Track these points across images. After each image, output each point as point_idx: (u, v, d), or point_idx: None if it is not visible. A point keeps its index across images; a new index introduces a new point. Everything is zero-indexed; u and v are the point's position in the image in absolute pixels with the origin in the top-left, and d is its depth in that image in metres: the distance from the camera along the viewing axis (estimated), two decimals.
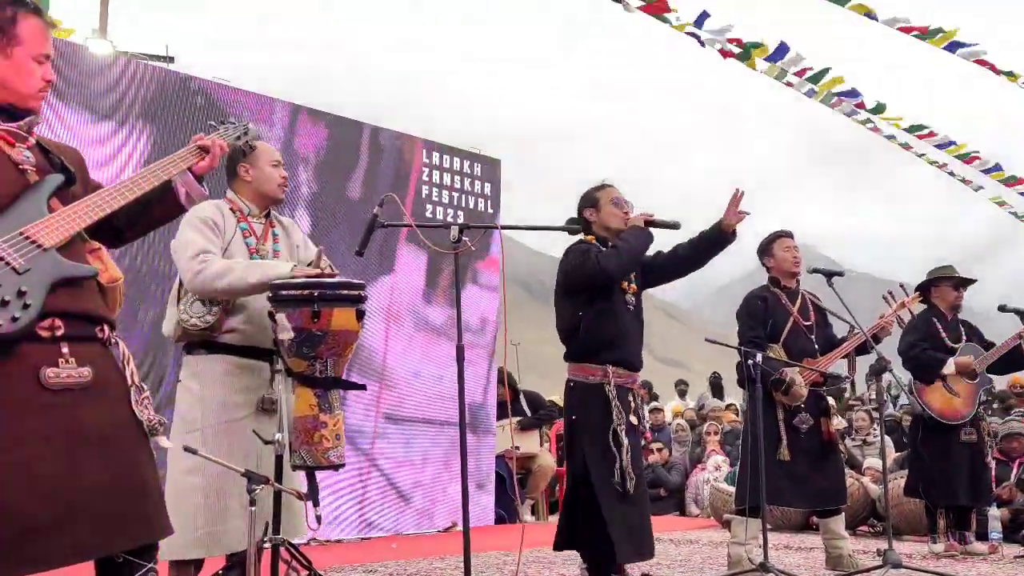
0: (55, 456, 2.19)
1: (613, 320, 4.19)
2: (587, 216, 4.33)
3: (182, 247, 3.40)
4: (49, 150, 2.46)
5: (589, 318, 4.16)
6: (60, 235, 2.28)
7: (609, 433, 4.05)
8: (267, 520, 3.25)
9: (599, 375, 4.14)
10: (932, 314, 6.19)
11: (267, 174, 3.61)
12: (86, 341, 2.33)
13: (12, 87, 2.36)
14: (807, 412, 5.09)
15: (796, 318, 5.23)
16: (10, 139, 2.36)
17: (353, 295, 3.21)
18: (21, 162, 2.35)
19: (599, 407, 4.10)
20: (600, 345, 4.16)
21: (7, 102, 2.37)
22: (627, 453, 4.05)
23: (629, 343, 4.25)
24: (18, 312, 2.15)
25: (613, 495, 4.02)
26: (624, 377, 4.19)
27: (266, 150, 3.65)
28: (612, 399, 4.09)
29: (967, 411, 6.03)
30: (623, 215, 4.28)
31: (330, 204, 6.65)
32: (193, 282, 3.35)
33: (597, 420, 4.09)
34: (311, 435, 3.21)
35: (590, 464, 4.06)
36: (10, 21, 2.35)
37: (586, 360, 4.18)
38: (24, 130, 2.40)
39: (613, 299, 4.20)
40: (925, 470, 6.05)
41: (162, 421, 2.46)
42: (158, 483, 2.44)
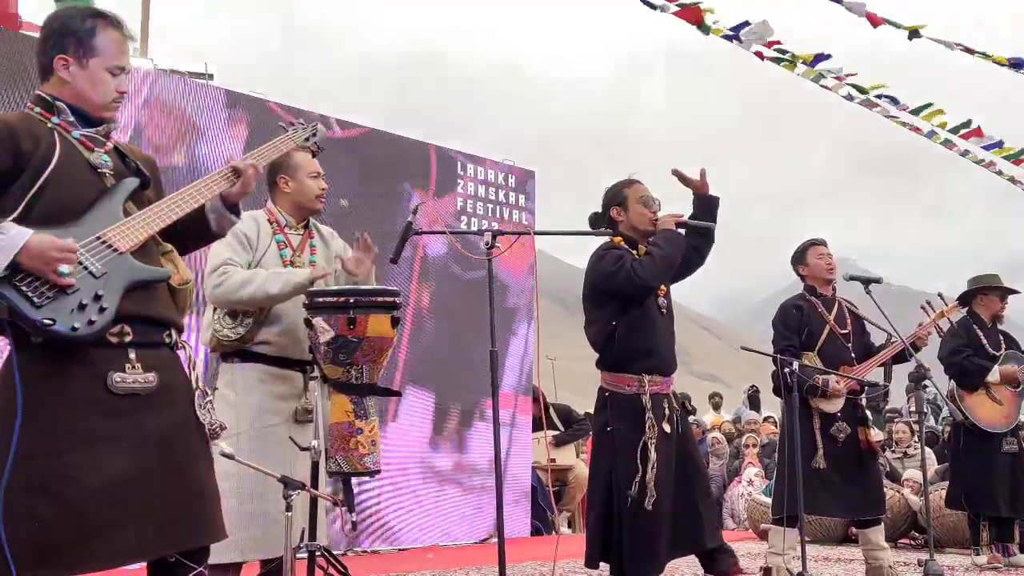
0: (120, 458, 2.26)
1: (648, 328, 4.08)
2: (613, 215, 4.19)
3: (209, 260, 3.47)
4: (126, 154, 2.53)
5: (623, 327, 4.04)
6: (135, 239, 2.35)
7: (639, 446, 3.93)
8: (303, 526, 3.27)
9: (635, 386, 4.03)
10: (973, 322, 6.12)
11: (306, 186, 3.64)
12: (153, 346, 2.39)
13: (86, 96, 2.43)
14: (844, 421, 5.03)
15: (832, 326, 5.18)
16: (89, 144, 2.44)
17: (388, 302, 3.24)
18: (99, 166, 2.43)
19: (633, 419, 3.99)
20: (635, 354, 4.05)
21: (83, 109, 2.44)
22: (652, 468, 3.90)
23: (663, 349, 4.14)
24: (95, 316, 2.22)
25: (632, 509, 3.90)
26: (659, 384, 4.08)
27: (306, 161, 3.67)
28: (647, 410, 3.98)
29: (1010, 420, 5.95)
30: (652, 215, 4.14)
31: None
32: (213, 294, 3.41)
33: (629, 432, 3.98)
34: (347, 441, 3.23)
35: (616, 476, 3.97)
36: (89, 33, 2.43)
37: (621, 370, 4.07)
38: (102, 135, 2.48)
39: (646, 305, 4.09)
40: (966, 479, 5.97)
41: (223, 425, 2.52)
42: (216, 487, 2.51)
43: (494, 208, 7.54)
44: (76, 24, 2.43)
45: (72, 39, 2.41)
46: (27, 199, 2.27)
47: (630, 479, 3.89)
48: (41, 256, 2.15)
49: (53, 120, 2.41)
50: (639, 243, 4.14)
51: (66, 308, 2.18)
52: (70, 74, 2.41)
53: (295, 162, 3.64)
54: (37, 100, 2.44)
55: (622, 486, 3.92)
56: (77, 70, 2.41)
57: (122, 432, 2.28)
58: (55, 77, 2.42)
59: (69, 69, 2.41)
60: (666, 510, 3.95)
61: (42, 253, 2.15)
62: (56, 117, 2.41)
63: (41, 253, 2.15)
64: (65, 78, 2.42)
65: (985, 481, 5.90)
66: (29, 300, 2.15)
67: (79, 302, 2.20)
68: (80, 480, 2.20)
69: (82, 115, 2.44)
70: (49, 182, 2.30)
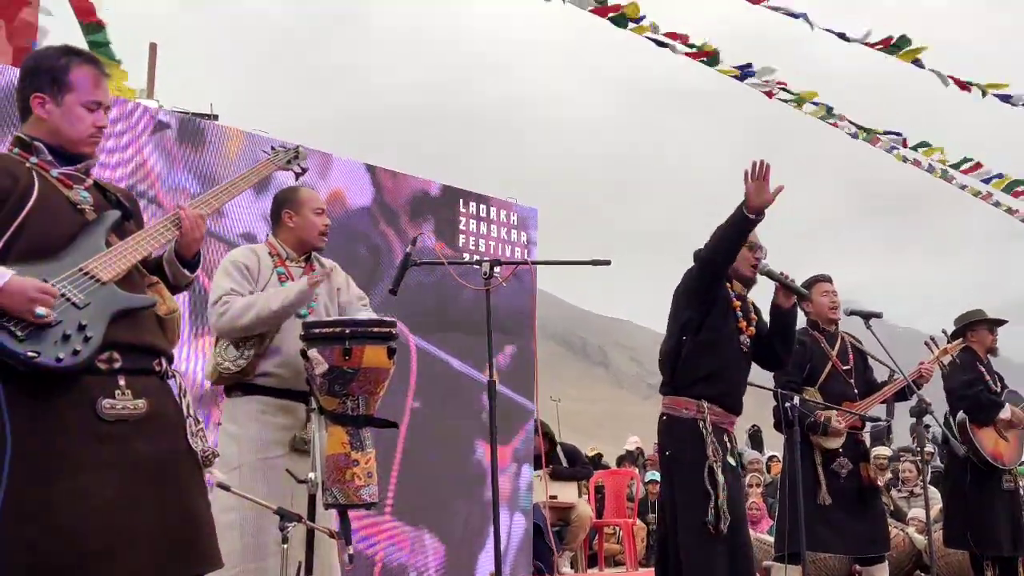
0: (111, 485, 2.25)
1: (715, 353, 3.99)
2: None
3: (211, 292, 3.49)
4: (106, 189, 2.56)
5: (692, 346, 3.99)
6: (117, 269, 2.37)
7: (704, 470, 3.82)
8: (300, 560, 3.25)
9: (692, 410, 3.94)
10: (975, 359, 6.11)
11: (310, 221, 3.66)
12: (143, 374, 2.40)
13: (63, 133, 2.46)
14: (845, 457, 5.01)
15: (835, 362, 5.18)
16: (68, 182, 2.46)
17: (384, 332, 3.24)
18: (79, 203, 2.45)
19: (693, 443, 3.89)
20: (698, 378, 3.97)
21: (61, 146, 2.46)
22: (724, 491, 3.81)
23: (732, 383, 4.04)
24: (79, 345, 2.23)
25: (703, 537, 3.78)
26: (720, 416, 3.98)
27: (311, 197, 3.71)
28: (707, 435, 3.88)
29: (1015, 457, 5.91)
30: (754, 259, 4.09)
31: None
32: (218, 324, 3.42)
33: (691, 457, 3.88)
34: (343, 473, 3.21)
35: (680, 505, 3.86)
36: (63, 70, 2.46)
37: (681, 392, 4.00)
38: (82, 172, 2.50)
39: (721, 332, 4.01)
40: (972, 517, 5.89)
41: (216, 452, 2.52)
42: (210, 515, 2.50)
43: (496, 245, 7.55)
44: (50, 62, 2.47)
45: (47, 77, 2.45)
46: (6, 238, 2.29)
47: (699, 504, 3.78)
48: (20, 296, 2.17)
49: (31, 160, 2.43)
50: (737, 282, 4.13)
51: (50, 340, 2.19)
52: (46, 112, 2.44)
53: (301, 198, 3.67)
54: (16, 141, 2.47)
55: (685, 511, 3.83)
56: (53, 107, 2.44)
57: (113, 459, 2.27)
58: (33, 116, 2.46)
59: (45, 107, 2.44)
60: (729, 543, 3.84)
61: (22, 293, 2.17)
62: (34, 157, 2.43)
63: (21, 293, 2.17)
64: (42, 116, 2.44)
65: (990, 519, 5.84)
66: (11, 334, 2.16)
67: (63, 333, 2.21)
68: (72, 508, 2.19)
69: (60, 153, 2.46)
70: (28, 220, 2.32)
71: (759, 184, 3.71)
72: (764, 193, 3.70)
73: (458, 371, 6.81)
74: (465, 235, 7.37)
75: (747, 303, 4.20)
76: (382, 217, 6.82)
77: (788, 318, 4.11)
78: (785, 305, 4.07)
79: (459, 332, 6.62)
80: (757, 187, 3.70)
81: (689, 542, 3.81)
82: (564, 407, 10.02)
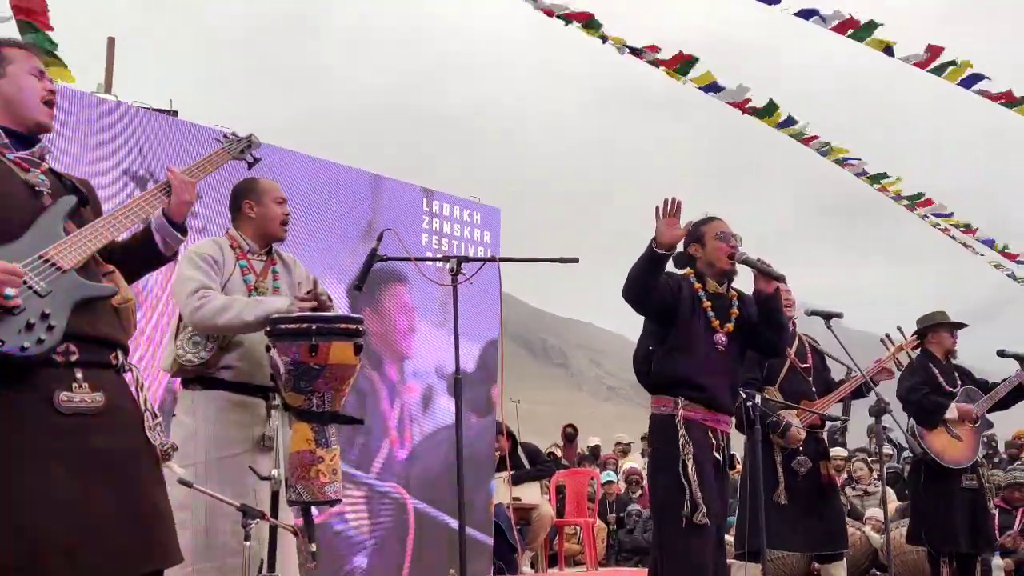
0: (69, 480, 2.21)
1: (687, 357, 4.03)
2: (692, 252, 4.19)
3: (181, 283, 3.42)
4: (61, 175, 2.52)
5: (660, 354, 4.05)
6: (78, 257, 2.33)
7: (679, 464, 3.88)
8: (262, 558, 3.23)
9: (669, 406, 4.01)
10: (928, 360, 6.19)
11: (272, 211, 3.63)
12: (100, 367, 2.36)
13: (16, 101, 2.43)
14: (805, 455, 5.07)
15: (793, 360, 5.23)
16: (24, 165, 2.42)
17: (351, 329, 3.22)
18: (37, 184, 2.41)
19: (669, 439, 3.96)
20: (672, 381, 4.03)
21: (17, 123, 2.43)
22: (697, 486, 3.86)
23: (707, 382, 4.04)
24: (43, 334, 2.19)
25: (681, 529, 3.84)
26: (700, 413, 4.02)
27: (272, 186, 3.68)
28: (680, 429, 3.93)
29: (970, 456, 5.99)
30: (729, 250, 4.11)
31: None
32: (193, 318, 3.36)
33: (669, 453, 3.95)
34: (308, 470, 3.19)
35: (661, 498, 3.98)
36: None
37: (658, 392, 4.08)
38: (37, 156, 2.46)
39: (690, 335, 4.04)
40: (927, 516, 5.98)
41: (174, 446, 2.49)
42: (169, 509, 2.46)
43: (459, 245, 7.56)
44: None
45: None
46: None
47: (677, 498, 3.85)
48: None
49: None
50: (711, 278, 4.14)
51: (13, 328, 2.15)
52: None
53: (261, 187, 3.64)
54: None
55: (665, 505, 3.92)
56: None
57: (70, 452, 2.23)
58: None
59: None
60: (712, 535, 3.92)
61: None
62: None
63: None
64: None
65: (945, 518, 5.92)
66: None
67: (26, 321, 2.16)
68: (30, 504, 2.15)
69: (16, 135, 2.43)
70: None
71: (670, 220, 3.79)
72: (674, 229, 3.79)
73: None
74: (428, 233, 7.36)
75: (724, 300, 4.18)
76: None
77: (772, 303, 4.09)
78: (766, 290, 4.07)
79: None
80: (668, 223, 3.79)
81: (667, 536, 3.88)
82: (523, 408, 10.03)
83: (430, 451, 6.78)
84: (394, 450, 6.57)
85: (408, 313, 6.83)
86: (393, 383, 6.64)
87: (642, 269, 3.88)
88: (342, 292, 6.21)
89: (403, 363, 6.73)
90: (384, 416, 6.53)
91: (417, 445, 6.72)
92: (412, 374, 6.77)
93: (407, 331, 6.80)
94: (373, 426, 6.39)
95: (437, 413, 6.92)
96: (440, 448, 6.80)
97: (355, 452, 6.23)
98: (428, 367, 6.87)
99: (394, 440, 6.57)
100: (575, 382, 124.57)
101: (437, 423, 6.91)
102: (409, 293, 6.87)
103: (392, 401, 6.62)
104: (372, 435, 6.40)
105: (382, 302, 6.70)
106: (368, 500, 6.37)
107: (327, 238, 6.62)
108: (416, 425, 6.77)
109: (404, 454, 6.62)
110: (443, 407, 6.90)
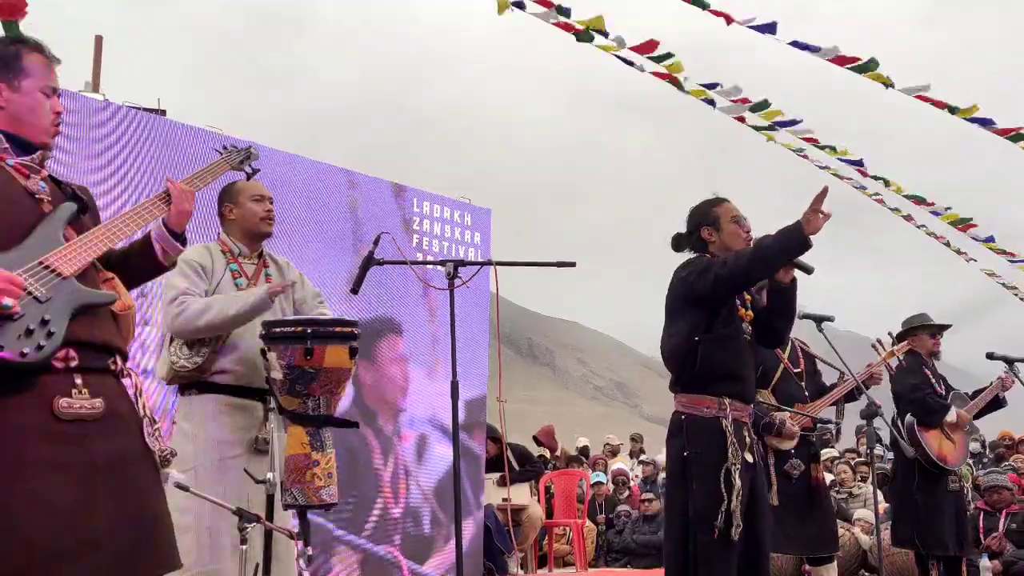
0: (69, 486, 2.20)
1: (734, 350, 3.81)
2: (704, 235, 3.93)
3: (165, 291, 3.44)
4: (60, 182, 2.51)
5: (707, 345, 3.75)
6: (78, 263, 2.32)
7: (721, 472, 3.64)
8: (258, 561, 3.22)
9: (714, 408, 3.74)
10: (920, 362, 6.22)
11: (249, 210, 3.65)
12: (99, 372, 2.35)
13: (27, 120, 2.41)
14: (798, 458, 5.08)
15: (786, 364, 5.25)
16: (24, 171, 2.41)
17: (346, 332, 3.22)
18: (37, 191, 2.40)
19: (713, 443, 3.70)
20: (717, 376, 3.76)
21: (22, 135, 2.42)
22: (738, 496, 3.63)
23: (747, 375, 3.86)
24: (43, 340, 2.18)
25: (716, 542, 3.60)
26: (740, 411, 3.80)
27: (248, 186, 3.68)
28: (729, 435, 3.69)
29: (960, 458, 6.03)
30: (745, 234, 3.87)
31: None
32: (173, 325, 3.38)
33: (709, 457, 3.69)
34: (303, 474, 3.19)
35: (694, 504, 3.68)
36: (15, 56, 2.42)
37: (699, 391, 3.78)
38: (37, 163, 2.45)
39: (731, 325, 3.81)
40: (919, 518, 5.98)
41: (173, 452, 2.48)
42: (169, 515, 2.45)
43: (449, 246, 7.55)
44: (1, 50, 2.43)
45: (0, 64, 2.41)
46: None
47: (713, 508, 3.61)
48: None
49: None
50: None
51: (12, 334, 2.13)
52: (4, 99, 2.40)
53: (237, 188, 3.68)
54: None
55: (701, 515, 3.64)
56: (11, 94, 2.40)
57: (70, 459, 2.21)
58: None
59: (3, 95, 2.39)
60: (738, 546, 3.67)
61: None
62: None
63: None
64: (0, 104, 2.40)
65: (937, 520, 5.95)
66: None
67: (26, 327, 2.15)
68: (30, 510, 2.13)
69: (19, 142, 2.41)
70: None
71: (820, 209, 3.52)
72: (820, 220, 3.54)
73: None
74: (419, 235, 7.35)
75: None
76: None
77: (790, 293, 3.87)
78: (785, 280, 3.84)
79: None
80: (820, 213, 3.52)
81: (706, 553, 3.63)
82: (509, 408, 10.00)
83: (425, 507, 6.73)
84: (388, 508, 6.48)
85: (401, 364, 6.76)
86: (387, 436, 6.56)
87: (777, 256, 3.62)
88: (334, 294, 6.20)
89: (397, 416, 6.65)
90: (377, 474, 6.44)
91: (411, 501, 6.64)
92: (407, 423, 6.70)
93: (402, 382, 6.72)
94: (365, 484, 6.30)
95: (432, 462, 6.85)
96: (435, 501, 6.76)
97: (348, 510, 6.11)
98: (422, 416, 6.80)
99: (388, 498, 6.49)
100: (561, 381, 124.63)
101: (434, 474, 6.85)
102: (403, 342, 6.82)
103: (386, 457, 6.53)
104: (365, 494, 6.31)
105: (377, 354, 6.64)
106: (362, 564, 6.24)
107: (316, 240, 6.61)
108: (412, 479, 6.68)
109: (399, 511, 6.54)
110: (438, 455, 6.85)
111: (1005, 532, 7.41)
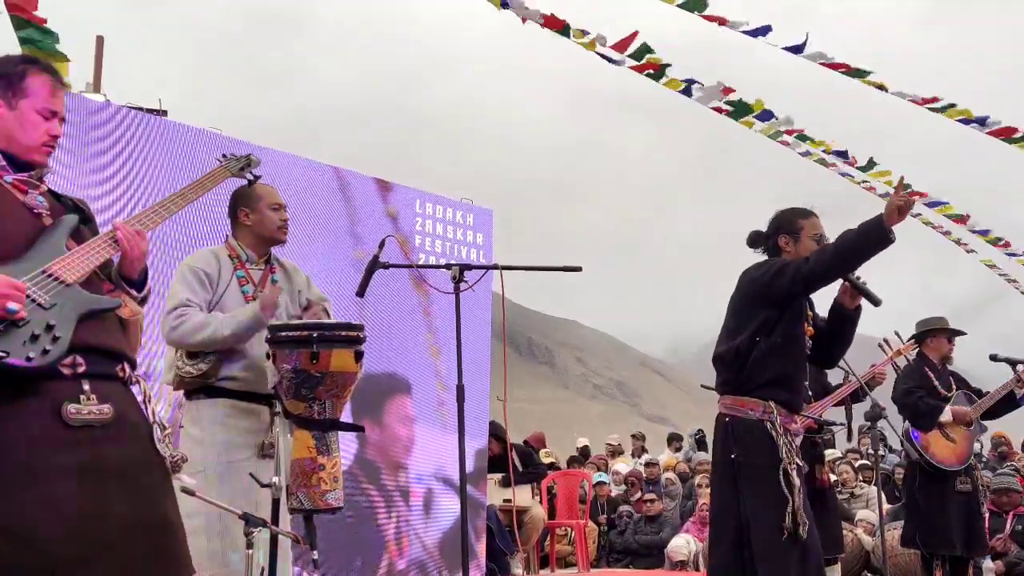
0: (80, 492, 2.19)
1: (786, 356, 3.75)
2: (781, 243, 3.88)
3: (168, 299, 3.43)
4: (60, 195, 2.52)
5: (764, 346, 3.71)
6: (80, 271, 2.33)
7: (780, 473, 3.60)
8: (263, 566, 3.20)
9: (759, 411, 3.70)
10: (924, 364, 6.21)
11: (267, 218, 3.61)
12: (107, 379, 2.34)
13: (15, 138, 2.41)
14: (801, 459, 5.05)
15: None
16: (23, 187, 2.42)
17: (352, 336, 3.21)
18: (35, 207, 2.40)
19: (761, 445, 3.66)
20: (766, 379, 3.72)
21: (11, 153, 2.42)
22: (799, 494, 3.59)
23: (797, 385, 3.83)
24: (49, 345, 2.18)
25: (780, 544, 3.55)
26: (786, 419, 3.74)
27: (267, 192, 3.65)
28: (778, 436, 3.65)
29: (964, 458, 6.00)
30: None
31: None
32: (169, 337, 3.38)
33: (764, 461, 3.65)
34: (309, 478, 3.18)
35: (753, 512, 3.62)
36: (19, 76, 2.42)
37: (746, 392, 3.74)
38: (35, 179, 2.46)
39: (793, 333, 3.76)
40: (922, 519, 6.00)
41: (184, 457, 2.47)
42: (180, 520, 2.45)
43: (452, 247, 7.53)
44: (6, 68, 2.43)
45: (2, 81, 2.41)
46: None
47: (776, 509, 3.56)
48: None
49: None
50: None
51: (18, 340, 2.13)
52: (0, 116, 2.40)
53: (256, 194, 3.61)
54: None
55: (759, 516, 3.59)
56: (6, 112, 2.40)
57: (79, 465, 2.21)
58: None
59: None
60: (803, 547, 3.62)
61: None
62: None
63: None
64: None
65: (940, 520, 5.94)
66: None
67: (31, 333, 2.15)
68: (42, 517, 2.13)
69: (13, 160, 2.41)
70: None
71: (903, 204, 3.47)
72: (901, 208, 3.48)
73: None
74: (421, 236, 7.34)
75: (808, 302, 3.96)
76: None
77: (853, 321, 3.85)
78: (850, 307, 3.82)
79: None
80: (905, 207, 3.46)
81: (766, 551, 3.57)
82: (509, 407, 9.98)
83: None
84: (394, 562, 6.48)
85: (408, 424, 6.75)
86: (390, 492, 6.55)
87: (859, 249, 3.54)
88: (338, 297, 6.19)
89: (403, 472, 6.65)
90: (381, 529, 6.44)
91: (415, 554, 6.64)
92: (415, 479, 6.70)
93: (408, 442, 6.71)
94: (370, 542, 6.31)
95: (438, 515, 6.86)
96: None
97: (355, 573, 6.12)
98: (428, 471, 6.80)
99: (393, 552, 6.49)
100: (560, 380, 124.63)
101: (440, 527, 6.85)
102: (412, 401, 6.80)
103: (389, 512, 6.53)
104: (369, 552, 6.32)
105: (384, 415, 6.62)
106: None
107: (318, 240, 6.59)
108: (415, 534, 6.68)
109: (403, 564, 6.53)
110: (444, 508, 6.86)
111: (1011, 533, 7.40)
